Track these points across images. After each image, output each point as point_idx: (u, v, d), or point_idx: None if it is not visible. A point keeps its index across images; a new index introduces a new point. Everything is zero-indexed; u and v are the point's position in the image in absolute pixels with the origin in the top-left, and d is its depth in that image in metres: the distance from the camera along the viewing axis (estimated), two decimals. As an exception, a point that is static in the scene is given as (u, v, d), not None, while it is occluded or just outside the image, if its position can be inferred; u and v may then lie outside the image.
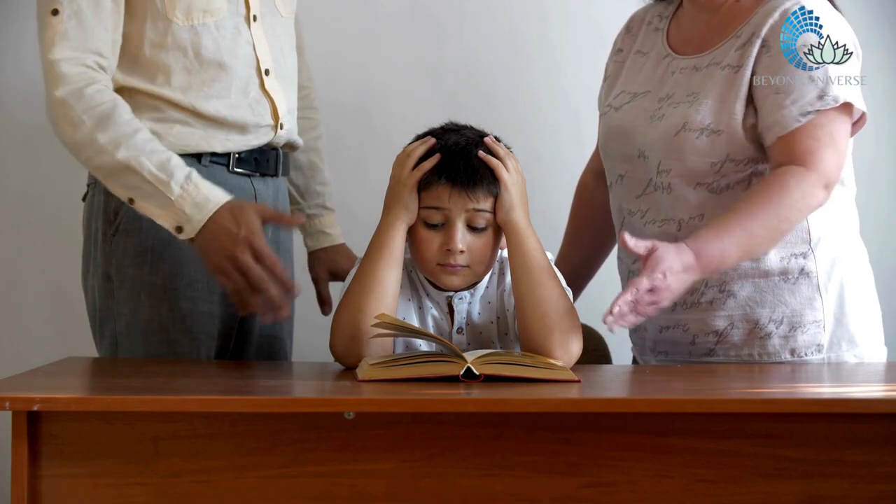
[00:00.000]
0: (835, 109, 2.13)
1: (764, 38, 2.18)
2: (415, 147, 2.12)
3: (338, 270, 2.54)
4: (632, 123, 2.28)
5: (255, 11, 2.30)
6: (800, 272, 2.19)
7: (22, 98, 2.91)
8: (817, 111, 2.12)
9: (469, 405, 1.74)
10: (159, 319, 2.27)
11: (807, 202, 2.10)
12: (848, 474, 1.73)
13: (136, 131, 2.16)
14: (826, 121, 2.13)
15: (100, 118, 2.15)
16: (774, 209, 2.07)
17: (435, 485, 1.73)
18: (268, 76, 2.31)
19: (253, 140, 2.32)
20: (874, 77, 2.85)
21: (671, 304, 2.22)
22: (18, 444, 1.71)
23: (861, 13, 2.90)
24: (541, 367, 1.92)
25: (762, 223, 2.07)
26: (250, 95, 2.29)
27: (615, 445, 1.74)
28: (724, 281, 2.20)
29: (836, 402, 1.79)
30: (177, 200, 2.13)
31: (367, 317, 2.03)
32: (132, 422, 1.73)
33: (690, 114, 2.20)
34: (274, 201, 2.39)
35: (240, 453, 1.73)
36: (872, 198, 2.92)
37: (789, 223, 2.11)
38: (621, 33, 2.45)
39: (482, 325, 2.14)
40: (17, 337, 2.96)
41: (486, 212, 2.08)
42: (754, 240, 2.08)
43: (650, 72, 2.32)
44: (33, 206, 2.97)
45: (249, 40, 2.29)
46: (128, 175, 2.14)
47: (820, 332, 2.19)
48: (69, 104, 2.15)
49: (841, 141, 2.15)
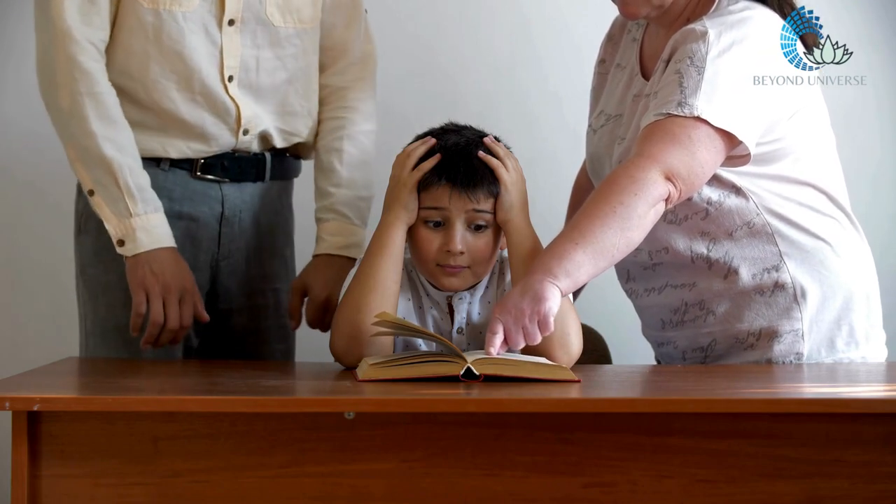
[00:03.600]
0: (699, 123, 2.04)
1: (667, 60, 2.15)
2: (415, 147, 2.12)
3: (308, 285, 2.32)
4: (605, 151, 2.28)
5: (231, 16, 2.26)
6: (774, 285, 2.18)
7: (23, 97, 2.91)
8: (668, 114, 2.05)
9: (469, 405, 1.74)
10: (115, 320, 2.27)
11: (639, 185, 1.99)
12: (848, 474, 1.73)
13: (130, 138, 2.18)
14: (682, 125, 2.04)
15: (100, 104, 2.15)
16: (604, 199, 2.00)
17: (435, 485, 1.73)
18: (230, 82, 2.27)
19: (213, 146, 2.29)
20: (874, 77, 2.86)
21: (660, 323, 2.24)
22: (18, 444, 1.70)
23: (861, 13, 2.91)
24: (541, 367, 1.92)
25: (596, 213, 1.99)
26: (211, 97, 2.26)
27: (615, 445, 1.73)
28: (703, 300, 2.21)
29: (836, 402, 1.79)
30: (134, 219, 2.16)
31: (366, 316, 2.03)
32: (132, 422, 1.73)
33: (623, 151, 2.20)
34: (252, 207, 2.36)
35: (240, 453, 1.73)
36: (873, 198, 2.92)
37: (627, 208, 1.99)
38: (604, 42, 2.42)
39: (482, 325, 2.14)
40: (17, 337, 2.96)
41: (486, 212, 2.08)
42: (593, 232, 1.97)
43: (622, 92, 2.29)
44: (33, 205, 2.97)
45: (217, 43, 2.25)
46: (102, 171, 2.16)
47: (798, 341, 2.18)
48: (74, 76, 2.15)
49: (699, 148, 2.04)
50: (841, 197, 2.24)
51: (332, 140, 2.38)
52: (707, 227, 2.16)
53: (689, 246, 2.18)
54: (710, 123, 2.04)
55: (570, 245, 1.97)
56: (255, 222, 2.37)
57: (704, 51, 2.07)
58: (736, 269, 2.18)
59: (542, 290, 1.93)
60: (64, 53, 2.15)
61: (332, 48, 2.40)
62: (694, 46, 2.08)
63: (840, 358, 2.20)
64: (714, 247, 2.18)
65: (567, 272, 1.95)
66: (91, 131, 2.15)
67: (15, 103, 2.95)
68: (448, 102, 2.94)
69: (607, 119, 2.31)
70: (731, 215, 2.17)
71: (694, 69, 2.06)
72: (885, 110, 2.95)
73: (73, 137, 2.17)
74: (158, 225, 2.18)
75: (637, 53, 2.30)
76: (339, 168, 2.36)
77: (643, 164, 2.02)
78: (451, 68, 3.00)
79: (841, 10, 2.81)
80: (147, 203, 2.18)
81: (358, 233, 2.34)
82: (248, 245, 2.37)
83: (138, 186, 2.17)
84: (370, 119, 2.42)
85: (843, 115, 2.44)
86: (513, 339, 1.93)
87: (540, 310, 1.91)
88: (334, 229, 2.34)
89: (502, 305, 1.94)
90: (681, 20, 2.20)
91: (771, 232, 2.17)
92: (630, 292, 2.31)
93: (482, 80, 3.00)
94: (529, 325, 1.92)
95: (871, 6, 2.94)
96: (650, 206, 2.01)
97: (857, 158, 2.83)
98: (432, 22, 3.01)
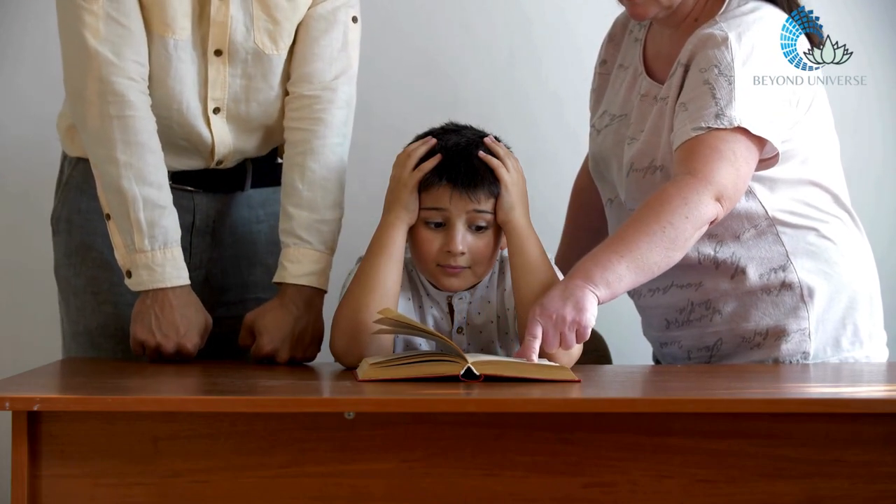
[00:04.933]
0: (739, 134, 2.06)
1: (685, 64, 2.14)
2: (415, 147, 2.12)
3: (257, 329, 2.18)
4: (610, 151, 2.27)
5: (218, 46, 2.19)
6: (781, 285, 2.18)
7: (23, 97, 2.91)
8: (709, 128, 2.06)
9: (469, 405, 1.74)
10: (85, 323, 2.27)
11: (690, 208, 2.02)
12: (848, 474, 1.73)
13: (156, 163, 2.13)
14: (724, 139, 2.05)
15: (127, 127, 2.11)
16: (654, 216, 2.02)
17: (435, 485, 1.73)
18: (216, 114, 2.23)
19: (185, 165, 2.25)
20: (874, 77, 2.86)
21: (664, 323, 2.26)
22: (18, 444, 1.70)
23: (861, 13, 2.91)
24: (541, 367, 1.92)
25: (644, 230, 2.02)
26: (186, 128, 2.21)
27: (615, 445, 1.73)
28: (709, 300, 2.21)
29: (837, 402, 1.79)
30: (139, 255, 2.12)
31: (366, 316, 2.03)
32: (132, 422, 1.72)
33: (635, 152, 2.20)
34: (229, 216, 2.32)
35: (239, 453, 1.73)
36: (874, 197, 2.92)
37: (676, 229, 2.01)
38: (605, 42, 2.41)
39: (482, 324, 2.14)
40: (17, 337, 2.96)
41: (486, 213, 2.08)
42: (639, 248, 2.00)
43: (626, 92, 2.29)
44: (34, 205, 2.96)
45: (203, 73, 2.20)
46: (117, 200, 2.12)
47: (805, 341, 2.18)
48: (107, 98, 2.10)
49: (742, 162, 2.06)
50: (844, 197, 2.25)
51: (294, 155, 2.23)
52: (715, 229, 2.16)
53: (696, 247, 2.17)
54: (749, 132, 2.05)
55: (616, 257, 2.00)
56: (231, 231, 2.34)
57: (730, 58, 2.08)
58: (743, 269, 2.18)
59: (584, 300, 1.96)
60: (95, 73, 2.11)
61: (299, 54, 2.26)
62: (717, 53, 2.08)
63: (845, 357, 2.20)
64: (721, 248, 2.19)
65: (608, 283, 1.98)
66: (114, 158, 2.11)
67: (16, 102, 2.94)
68: (447, 103, 2.93)
69: (611, 119, 2.30)
70: (740, 218, 2.17)
71: (724, 79, 2.07)
72: (885, 110, 2.95)
73: (97, 159, 2.14)
74: (165, 262, 2.13)
75: (640, 53, 2.29)
76: (301, 187, 2.21)
77: (696, 187, 2.03)
78: (449, 69, 2.99)
79: (841, 10, 2.81)
80: (155, 239, 2.12)
81: (322, 259, 2.20)
82: (224, 255, 2.34)
83: (149, 221, 2.12)
84: (339, 131, 2.26)
85: (843, 115, 2.43)
86: (549, 342, 1.95)
87: (580, 319, 1.95)
88: (294, 255, 2.20)
89: (543, 309, 1.96)
90: (689, 20, 2.20)
91: (777, 232, 2.17)
92: (633, 293, 2.31)
93: (481, 80, 3.00)
94: (568, 333, 1.95)
95: (871, 6, 2.94)
96: (697, 229, 2.04)
97: (858, 158, 2.82)
98: (433, 22, 3.00)
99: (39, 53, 2.85)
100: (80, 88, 2.13)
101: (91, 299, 2.24)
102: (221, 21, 2.18)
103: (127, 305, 2.20)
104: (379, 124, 2.91)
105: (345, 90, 2.27)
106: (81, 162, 2.27)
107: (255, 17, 2.20)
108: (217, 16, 2.18)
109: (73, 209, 2.28)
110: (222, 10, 2.18)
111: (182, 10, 2.16)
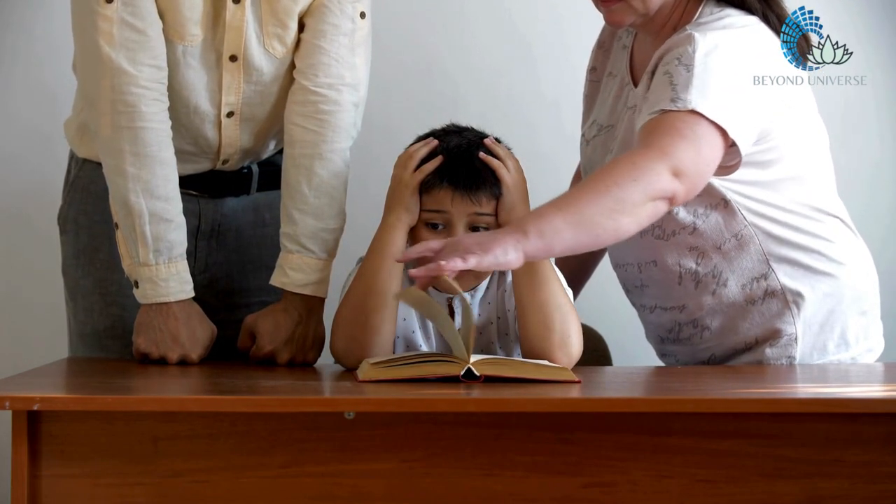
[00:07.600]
0: (697, 117, 1.98)
1: (652, 72, 2.12)
2: (417, 148, 2.12)
3: (257, 330, 2.18)
4: (599, 162, 2.25)
5: (233, 52, 2.18)
6: (764, 293, 2.17)
7: (23, 97, 2.91)
8: (663, 110, 2.00)
9: (469, 405, 1.74)
10: (92, 324, 2.26)
11: (640, 172, 1.92)
12: (848, 474, 1.73)
13: (167, 175, 2.12)
14: (682, 118, 1.98)
15: (137, 139, 2.10)
16: (600, 177, 1.94)
17: (435, 485, 1.73)
18: (229, 118, 2.22)
19: (189, 169, 2.24)
20: (874, 77, 2.86)
21: (658, 339, 2.28)
22: (18, 444, 1.70)
23: (861, 13, 2.91)
24: (541, 367, 1.92)
25: (589, 187, 1.93)
26: (192, 132, 2.21)
27: (615, 445, 1.74)
28: (695, 319, 2.21)
29: (836, 402, 1.79)
30: (142, 268, 2.12)
31: (367, 318, 2.03)
32: (132, 422, 1.73)
33: None
34: (234, 221, 2.32)
35: (240, 453, 1.73)
36: (872, 198, 2.92)
37: (622, 190, 1.90)
38: (594, 49, 2.39)
39: (482, 325, 2.14)
40: (17, 337, 2.96)
41: (487, 215, 2.08)
42: (578, 203, 1.90)
43: (613, 102, 2.27)
44: (34, 205, 2.97)
45: (217, 79, 2.19)
46: (125, 212, 2.11)
47: (791, 345, 2.18)
48: (117, 108, 2.09)
49: (703, 143, 1.98)
50: (832, 199, 2.22)
51: (299, 155, 2.19)
52: (695, 241, 2.15)
53: (678, 261, 2.17)
54: (705, 117, 1.98)
55: (553, 209, 1.89)
56: (237, 236, 2.33)
57: (692, 50, 2.04)
58: (725, 282, 2.17)
59: (494, 242, 1.83)
60: (108, 82, 2.09)
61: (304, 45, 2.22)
62: (680, 49, 2.05)
63: (830, 360, 2.20)
64: (703, 261, 2.17)
65: (541, 233, 1.86)
66: (123, 169, 2.10)
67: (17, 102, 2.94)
68: (446, 105, 2.93)
69: (599, 129, 2.29)
70: (719, 228, 2.15)
71: (683, 67, 2.02)
72: (884, 110, 2.95)
73: (108, 168, 2.13)
74: (170, 277, 2.12)
75: (627, 61, 2.28)
76: (308, 192, 2.18)
77: (648, 154, 1.95)
78: (448, 71, 2.99)
79: (841, 10, 2.81)
80: (160, 253, 2.11)
81: (324, 267, 2.19)
82: (229, 259, 2.33)
83: (155, 235, 2.11)
84: (347, 134, 2.22)
85: (842, 115, 2.44)
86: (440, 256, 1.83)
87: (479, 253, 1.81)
88: (297, 263, 2.17)
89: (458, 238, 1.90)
90: (667, 28, 2.17)
91: (759, 241, 2.16)
92: (631, 303, 2.32)
93: (478, 83, 3.00)
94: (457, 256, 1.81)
95: (871, 6, 2.94)
96: (649, 198, 1.93)
97: (857, 158, 2.82)
98: (433, 22, 3.00)
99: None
100: (93, 96, 2.12)
101: (99, 300, 2.24)
102: (237, 26, 2.16)
103: (135, 307, 2.18)
104: (379, 125, 2.91)
105: (352, 91, 2.22)
106: (88, 163, 2.27)
107: (264, 21, 2.18)
108: (233, 20, 2.16)
109: (79, 210, 2.28)
110: (238, 14, 2.16)
111: (194, 17, 2.14)
